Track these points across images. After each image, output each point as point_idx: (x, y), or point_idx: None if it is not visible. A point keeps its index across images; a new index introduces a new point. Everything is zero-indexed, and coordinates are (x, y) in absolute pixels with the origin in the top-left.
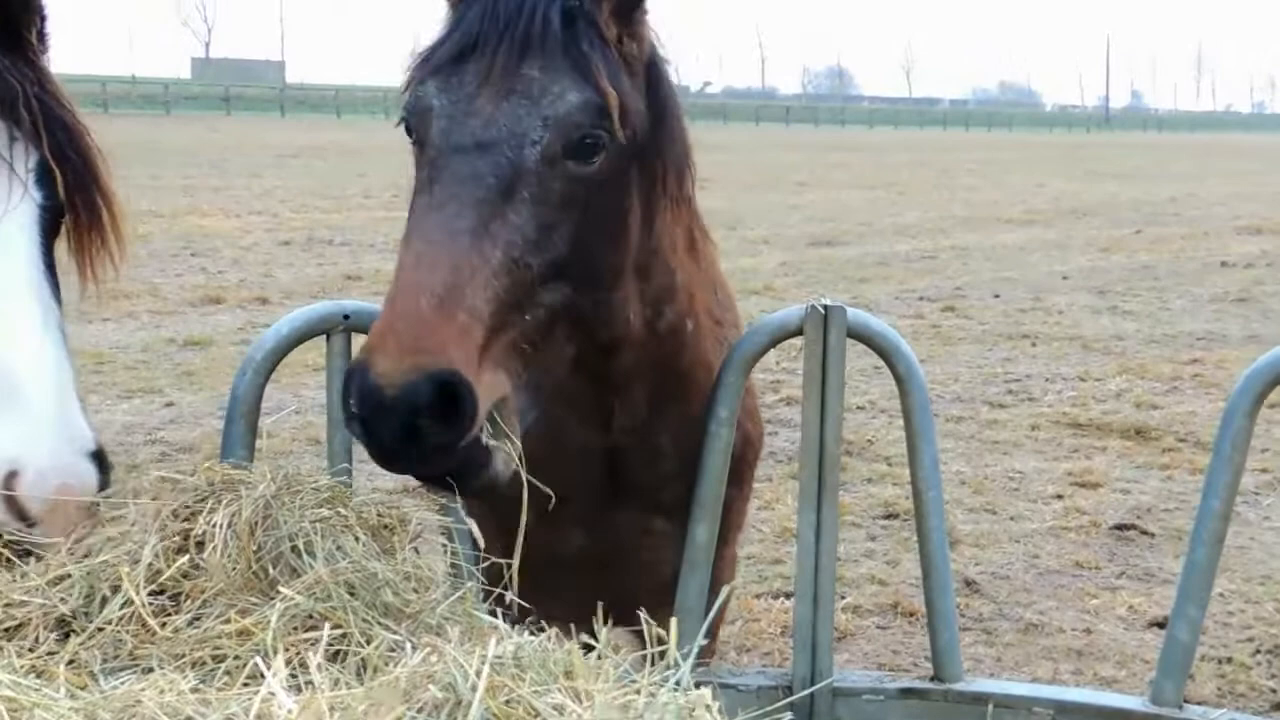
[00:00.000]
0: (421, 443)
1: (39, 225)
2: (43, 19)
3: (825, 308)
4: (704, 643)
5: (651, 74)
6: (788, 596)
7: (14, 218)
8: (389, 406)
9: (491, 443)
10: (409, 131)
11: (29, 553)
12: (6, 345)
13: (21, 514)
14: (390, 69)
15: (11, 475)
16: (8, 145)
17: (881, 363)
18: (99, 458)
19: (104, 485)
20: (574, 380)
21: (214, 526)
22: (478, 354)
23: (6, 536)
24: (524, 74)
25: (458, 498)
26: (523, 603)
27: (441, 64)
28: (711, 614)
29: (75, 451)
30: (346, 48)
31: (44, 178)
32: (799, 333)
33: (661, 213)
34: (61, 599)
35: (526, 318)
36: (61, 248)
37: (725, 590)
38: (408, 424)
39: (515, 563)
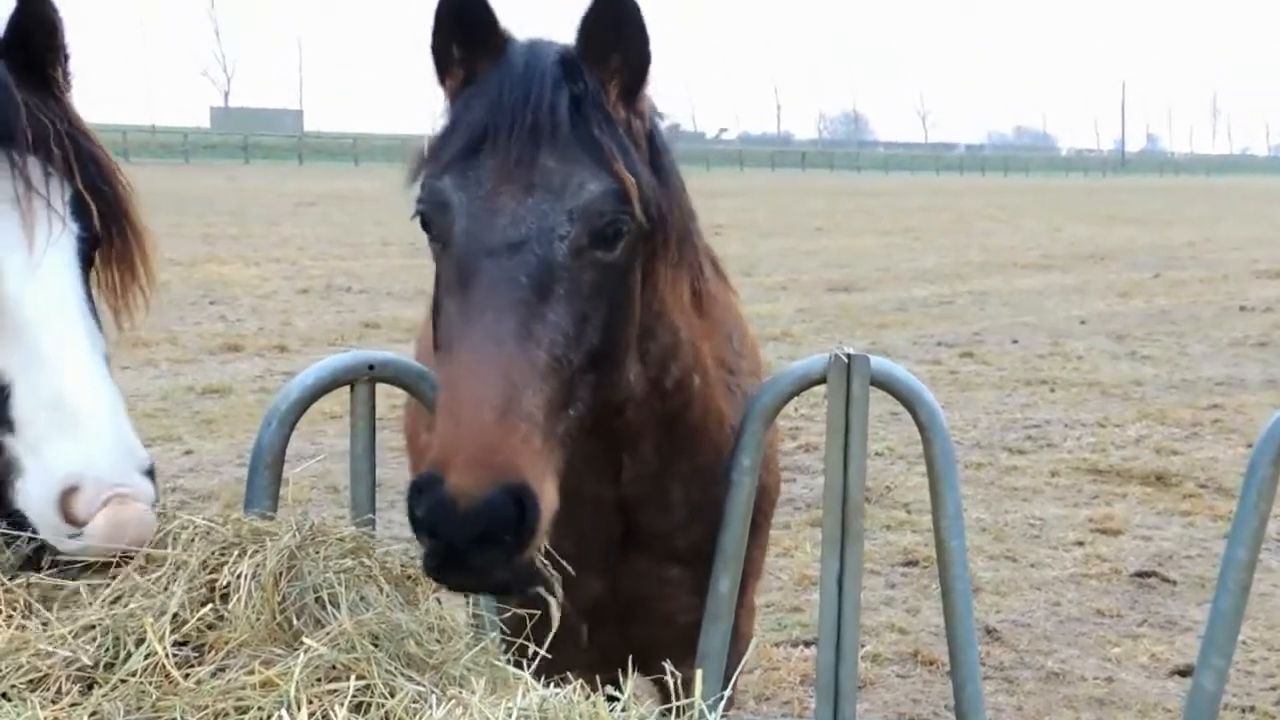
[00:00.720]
0: (490, 555)
1: (78, 255)
2: (66, 58)
3: (849, 356)
4: (727, 693)
5: (653, 145)
6: (807, 645)
7: (56, 248)
8: (467, 520)
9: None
10: (426, 227)
11: (49, 599)
12: (60, 370)
13: (80, 525)
14: (408, 117)
15: (72, 490)
16: (43, 180)
17: (900, 409)
18: (151, 475)
19: (157, 501)
20: (583, 437)
21: (239, 577)
22: (539, 462)
23: (63, 556)
24: (541, 165)
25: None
26: (544, 653)
27: (454, 158)
28: (739, 668)
29: (132, 465)
30: (364, 96)
31: (78, 210)
32: (822, 381)
33: (663, 276)
34: (86, 650)
35: (570, 413)
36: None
37: (751, 645)
38: (483, 537)
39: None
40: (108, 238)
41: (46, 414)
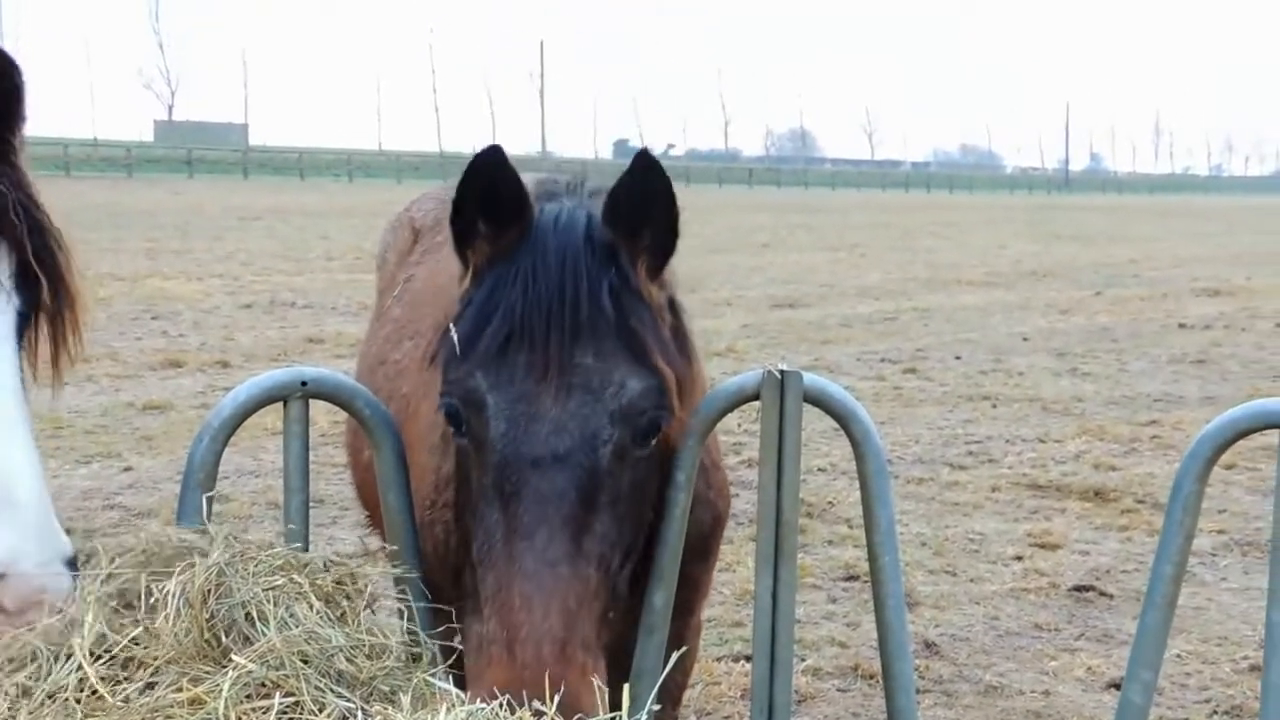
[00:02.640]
0: None
1: (16, 332)
2: (23, 122)
3: (782, 373)
4: (656, 708)
5: (672, 309)
6: (748, 659)
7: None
8: None
9: None
10: (454, 422)
11: None
12: (2, 454)
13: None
14: (355, 133)
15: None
16: None
17: None
18: (72, 563)
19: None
20: None
21: (166, 594)
22: (595, 689)
23: None
24: (579, 363)
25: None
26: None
27: (487, 353)
28: (661, 677)
29: (57, 560)
30: (310, 110)
31: (20, 285)
32: (756, 397)
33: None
34: (13, 667)
35: (611, 616)
36: None
37: (675, 655)
38: None
39: None
40: (46, 305)
41: None
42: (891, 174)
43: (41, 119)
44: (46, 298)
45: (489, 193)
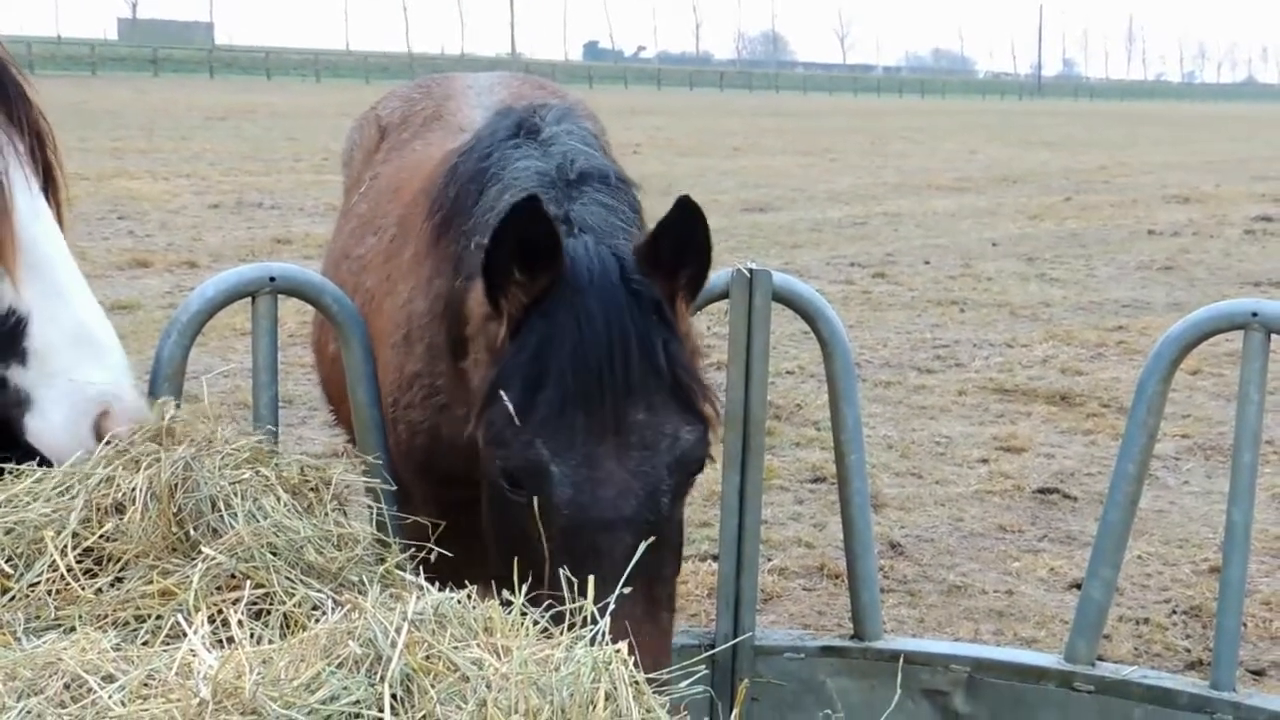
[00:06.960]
0: None
1: None
2: None
3: (751, 271)
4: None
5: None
6: (715, 558)
7: (40, 194)
8: None
9: None
10: (512, 483)
11: None
12: (79, 303)
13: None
14: (322, 32)
15: (104, 414)
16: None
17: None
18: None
19: None
20: None
21: (134, 489)
22: None
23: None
24: (634, 420)
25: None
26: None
27: (546, 421)
28: (628, 567)
29: (142, 395)
30: (277, 9)
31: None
32: (725, 296)
33: None
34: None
35: None
36: None
37: (642, 545)
38: None
39: None
40: (53, 183)
41: (71, 343)
42: (863, 79)
43: (3, 16)
44: (58, 174)
45: (523, 241)
